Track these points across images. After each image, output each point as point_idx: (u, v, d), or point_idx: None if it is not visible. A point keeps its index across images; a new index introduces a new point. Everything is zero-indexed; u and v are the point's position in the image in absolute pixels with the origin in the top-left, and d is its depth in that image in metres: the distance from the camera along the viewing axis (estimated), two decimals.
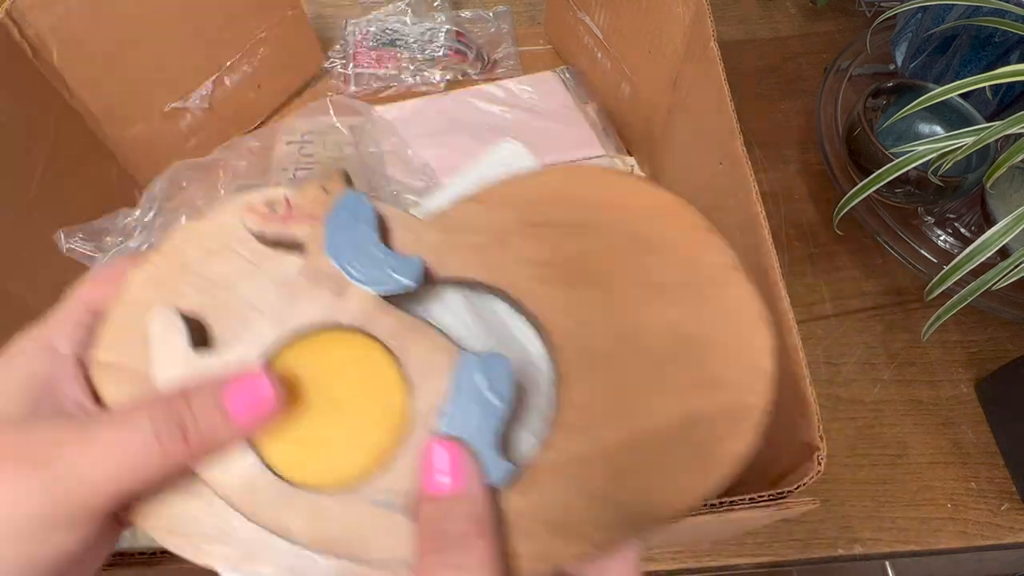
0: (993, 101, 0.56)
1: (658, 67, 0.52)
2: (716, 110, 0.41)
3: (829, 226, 0.58)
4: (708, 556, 0.45)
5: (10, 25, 0.43)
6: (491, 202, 0.25)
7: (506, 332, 0.25)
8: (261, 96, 0.62)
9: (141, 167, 0.56)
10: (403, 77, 0.67)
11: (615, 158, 0.54)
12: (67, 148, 0.47)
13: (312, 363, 0.23)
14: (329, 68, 0.67)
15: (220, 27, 0.55)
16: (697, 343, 0.24)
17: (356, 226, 0.24)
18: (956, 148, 0.42)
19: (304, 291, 0.24)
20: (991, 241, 0.40)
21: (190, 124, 0.57)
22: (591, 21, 0.60)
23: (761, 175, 0.61)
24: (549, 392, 0.24)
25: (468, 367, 0.22)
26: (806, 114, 0.65)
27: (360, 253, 0.24)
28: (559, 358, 0.23)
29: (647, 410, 0.23)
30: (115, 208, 0.53)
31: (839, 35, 0.71)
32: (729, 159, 0.39)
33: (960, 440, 0.49)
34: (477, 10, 0.72)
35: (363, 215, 0.24)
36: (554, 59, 0.69)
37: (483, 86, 0.60)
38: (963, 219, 0.54)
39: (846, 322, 0.54)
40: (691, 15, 0.46)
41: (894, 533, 0.45)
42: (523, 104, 0.58)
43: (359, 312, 0.23)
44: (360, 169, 0.55)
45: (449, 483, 0.21)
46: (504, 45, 0.70)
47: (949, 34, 0.56)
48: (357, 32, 0.69)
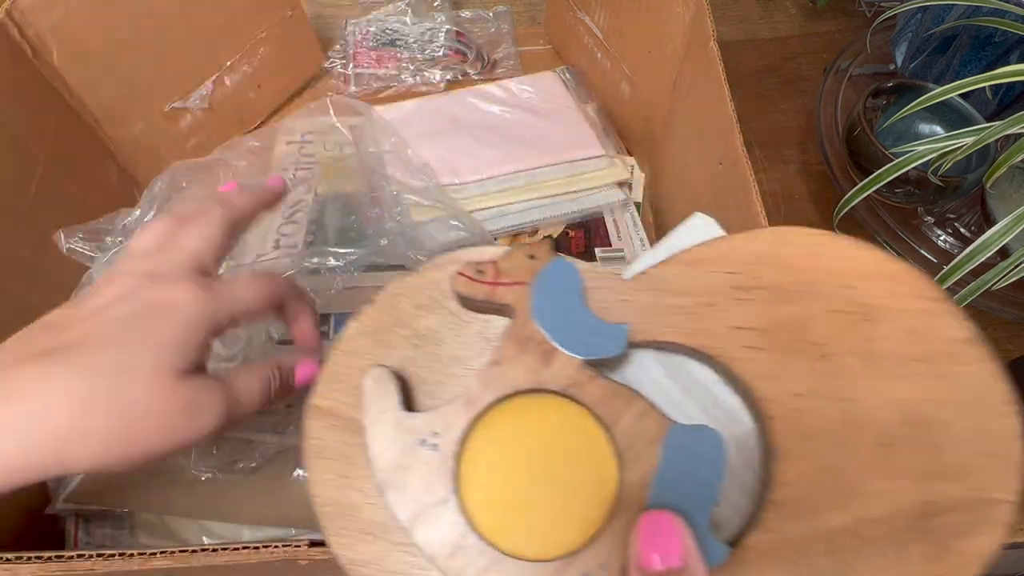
0: (993, 101, 0.56)
1: (658, 67, 0.52)
2: (716, 110, 0.41)
3: (829, 226, 0.57)
4: None
5: (10, 25, 0.43)
6: (696, 264, 0.24)
7: (709, 399, 0.24)
8: (261, 96, 0.62)
9: (141, 167, 0.56)
10: (403, 77, 0.67)
11: (615, 158, 0.54)
12: (67, 148, 0.47)
13: (520, 427, 0.23)
14: (329, 68, 0.67)
15: (220, 27, 0.55)
16: (931, 424, 0.22)
17: (563, 292, 0.24)
18: (956, 148, 0.43)
19: (511, 355, 0.24)
20: (991, 241, 0.40)
21: (190, 124, 0.58)
22: (591, 21, 0.60)
23: (761, 175, 0.61)
24: (757, 466, 0.23)
25: (679, 438, 0.21)
26: (806, 114, 0.65)
27: (567, 319, 0.24)
28: (772, 430, 0.22)
29: (874, 495, 0.21)
30: (115, 208, 0.53)
31: (839, 35, 0.71)
32: (729, 159, 0.39)
33: None
34: (477, 10, 0.72)
35: (569, 281, 0.24)
36: (554, 59, 0.69)
37: (483, 86, 0.60)
38: (963, 219, 0.54)
39: None
40: (691, 15, 0.46)
41: None
42: (523, 104, 0.58)
43: (566, 378, 0.23)
44: (360, 169, 0.55)
45: (666, 561, 0.19)
46: (504, 45, 0.70)
47: (949, 34, 0.56)
48: (357, 32, 0.69)
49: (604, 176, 0.54)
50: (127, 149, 0.54)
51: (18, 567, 0.27)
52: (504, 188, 0.52)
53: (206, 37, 0.55)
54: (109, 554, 0.27)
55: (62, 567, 0.27)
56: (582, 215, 0.53)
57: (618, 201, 0.54)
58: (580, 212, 0.53)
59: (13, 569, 0.27)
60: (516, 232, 0.52)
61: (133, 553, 0.27)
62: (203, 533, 0.41)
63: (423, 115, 0.57)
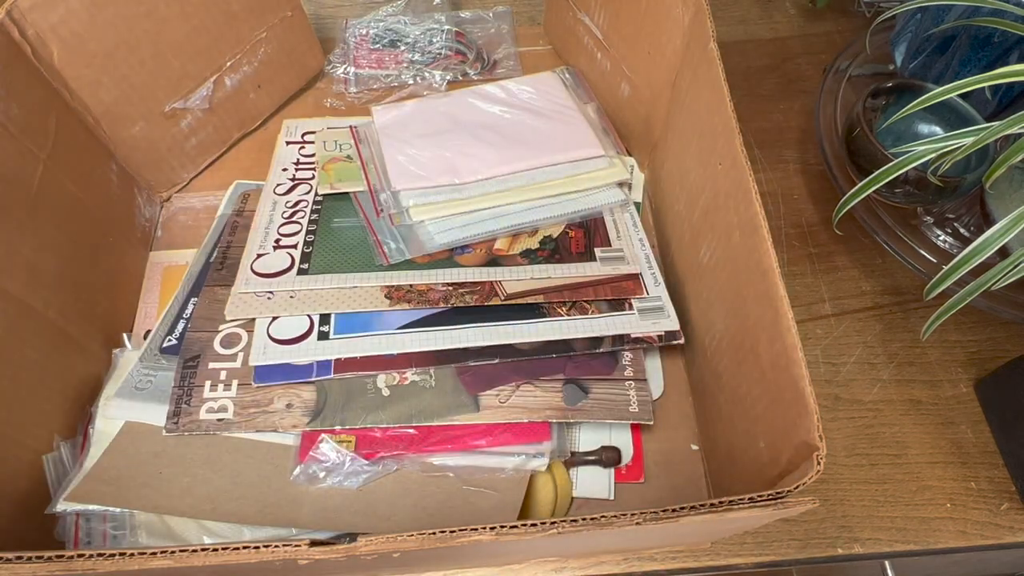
0: (992, 101, 0.56)
1: (658, 67, 0.52)
2: (716, 110, 0.41)
3: (828, 226, 0.58)
4: (708, 556, 0.45)
5: (10, 25, 0.43)
6: None
7: None
8: (261, 96, 0.62)
9: (141, 167, 0.56)
10: (403, 77, 0.67)
11: (615, 158, 0.54)
12: (67, 148, 0.47)
13: None
14: (329, 69, 0.67)
15: (220, 27, 0.55)
16: None
17: None
18: (955, 148, 0.43)
19: None
20: (990, 241, 0.40)
21: (190, 124, 0.58)
22: (591, 21, 0.60)
23: (761, 175, 0.61)
24: None
25: None
26: (806, 114, 0.65)
27: None
28: None
29: None
30: (115, 207, 0.53)
31: (838, 35, 0.71)
32: (729, 159, 0.39)
33: (959, 440, 0.49)
34: (477, 10, 0.72)
35: None
36: (554, 59, 0.69)
37: (483, 86, 0.60)
38: (962, 219, 0.54)
39: (845, 322, 0.54)
40: (691, 15, 0.46)
41: (893, 533, 0.46)
42: (523, 104, 0.58)
43: None
44: (360, 169, 0.55)
45: None
46: (504, 45, 0.70)
47: (948, 34, 0.56)
48: (357, 33, 0.69)
49: (604, 176, 0.54)
50: (127, 149, 0.54)
51: (18, 567, 0.27)
52: (504, 188, 0.52)
53: (206, 37, 0.55)
54: (109, 554, 0.27)
55: (62, 567, 0.27)
56: (582, 215, 0.53)
57: (618, 201, 0.54)
58: (580, 212, 0.53)
59: (13, 569, 0.27)
60: (516, 232, 0.52)
61: (133, 553, 0.27)
62: (203, 533, 0.41)
63: (423, 115, 0.57)
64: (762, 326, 0.35)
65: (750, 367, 0.38)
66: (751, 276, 0.37)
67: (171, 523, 0.42)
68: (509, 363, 0.46)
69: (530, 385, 0.46)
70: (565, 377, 0.46)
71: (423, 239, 0.50)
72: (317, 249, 0.50)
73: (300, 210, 0.53)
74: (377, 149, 0.55)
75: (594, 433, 0.47)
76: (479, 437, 0.44)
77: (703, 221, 0.45)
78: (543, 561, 0.45)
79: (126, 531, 0.41)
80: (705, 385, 0.46)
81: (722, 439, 0.43)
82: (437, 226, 0.51)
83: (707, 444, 0.47)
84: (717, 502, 0.29)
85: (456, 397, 0.45)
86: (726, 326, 0.41)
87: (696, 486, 0.47)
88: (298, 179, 0.56)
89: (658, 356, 0.51)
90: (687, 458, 0.48)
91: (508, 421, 0.44)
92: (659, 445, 0.48)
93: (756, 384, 0.37)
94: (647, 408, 0.46)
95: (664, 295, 0.49)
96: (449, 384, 0.45)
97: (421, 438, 0.44)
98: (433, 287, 0.48)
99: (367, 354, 0.45)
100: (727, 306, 0.41)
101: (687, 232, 0.48)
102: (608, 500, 0.46)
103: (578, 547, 0.41)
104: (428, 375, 0.46)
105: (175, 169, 0.59)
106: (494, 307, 0.47)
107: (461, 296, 0.48)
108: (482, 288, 0.48)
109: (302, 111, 0.66)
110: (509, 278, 0.49)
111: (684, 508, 0.29)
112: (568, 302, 0.48)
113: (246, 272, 0.49)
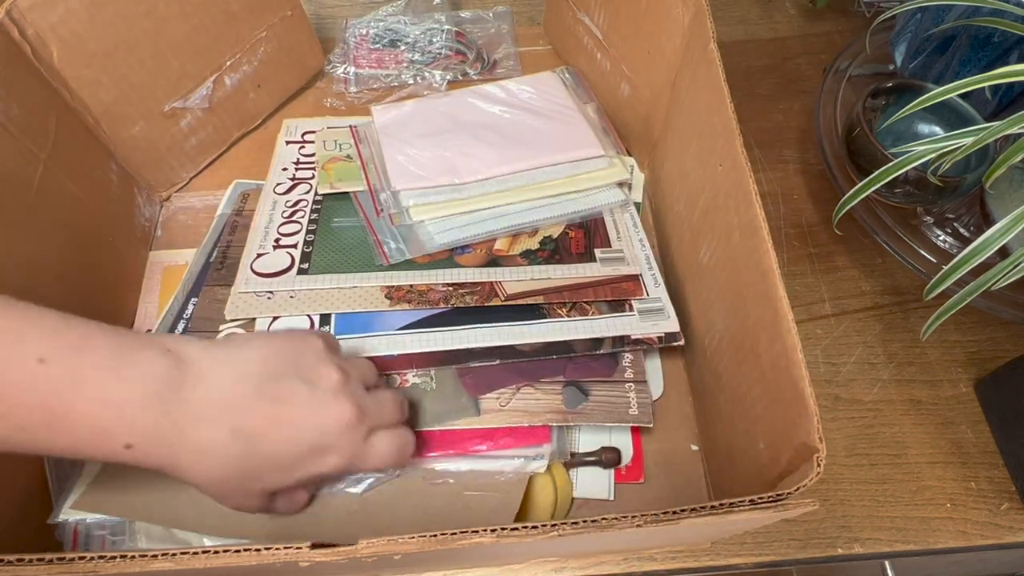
0: (992, 101, 0.56)
1: (658, 67, 0.52)
2: (716, 110, 0.41)
3: (828, 226, 0.58)
4: (708, 556, 0.45)
5: (10, 25, 0.43)
6: None
7: None
8: (261, 96, 0.62)
9: (141, 167, 0.56)
10: (403, 77, 0.67)
11: (615, 158, 0.54)
12: (67, 148, 0.47)
13: None
14: (329, 69, 0.67)
15: (220, 27, 0.55)
16: None
17: None
18: (955, 148, 0.43)
19: None
20: (990, 241, 0.40)
21: (190, 124, 0.58)
22: (591, 21, 0.60)
23: (761, 175, 0.61)
24: None
25: None
26: (806, 114, 0.65)
27: None
28: None
29: None
30: (115, 207, 0.53)
31: (838, 35, 0.71)
32: (729, 159, 0.39)
33: (959, 440, 0.49)
34: (477, 10, 0.72)
35: None
36: (554, 59, 0.69)
37: (483, 86, 0.60)
38: (962, 219, 0.55)
39: (845, 322, 0.54)
40: (691, 16, 0.46)
41: (893, 533, 0.46)
42: (523, 104, 0.58)
43: None
44: (360, 169, 0.55)
45: None
46: (504, 45, 0.70)
47: (948, 34, 0.56)
48: (357, 32, 0.69)
49: (604, 176, 0.54)
50: (127, 149, 0.54)
51: (20, 569, 0.27)
52: (504, 188, 0.52)
53: (206, 36, 0.54)
54: (111, 556, 0.27)
55: (64, 569, 0.27)
56: (582, 215, 0.53)
57: (618, 201, 0.54)
58: (580, 212, 0.53)
59: (15, 571, 0.27)
60: (516, 232, 0.52)
61: (135, 555, 0.27)
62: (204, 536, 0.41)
63: (423, 115, 0.57)
64: (762, 326, 0.35)
65: (750, 367, 0.38)
66: (751, 276, 0.37)
67: (172, 528, 0.41)
68: (510, 364, 0.46)
69: (530, 387, 0.46)
70: (565, 379, 0.46)
71: (423, 239, 0.50)
72: (317, 249, 0.50)
73: (300, 210, 0.53)
74: (377, 149, 0.55)
75: (594, 434, 0.47)
76: (480, 442, 0.44)
77: (703, 221, 0.45)
78: (543, 561, 0.45)
79: (125, 536, 0.41)
80: (705, 385, 0.46)
81: (722, 440, 0.43)
82: (437, 226, 0.51)
83: (707, 445, 0.47)
84: (718, 504, 0.29)
85: (457, 400, 0.45)
86: (726, 326, 0.41)
87: (696, 487, 0.47)
88: (298, 179, 0.56)
89: (658, 356, 0.51)
90: (687, 459, 0.48)
91: (509, 425, 0.44)
92: (659, 445, 0.48)
93: (756, 384, 0.37)
94: (647, 411, 0.46)
95: (664, 296, 0.49)
96: (450, 387, 0.45)
97: (422, 443, 0.44)
98: (433, 287, 0.48)
99: (368, 355, 0.45)
100: (727, 306, 0.41)
101: (687, 232, 0.48)
102: (608, 501, 0.46)
103: (578, 548, 0.41)
104: (429, 377, 0.46)
105: (175, 169, 0.59)
106: (495, 308, 0.47)
107: (461, 296, 0.48)
108: (482, 289, 0.48)
109: (302, 111, 0.65)
110: (509, 279, 0.49)
111: (685, 510, 0.29)
112: (568, 303, 0.48)
113: (246, 272, 0.49)
